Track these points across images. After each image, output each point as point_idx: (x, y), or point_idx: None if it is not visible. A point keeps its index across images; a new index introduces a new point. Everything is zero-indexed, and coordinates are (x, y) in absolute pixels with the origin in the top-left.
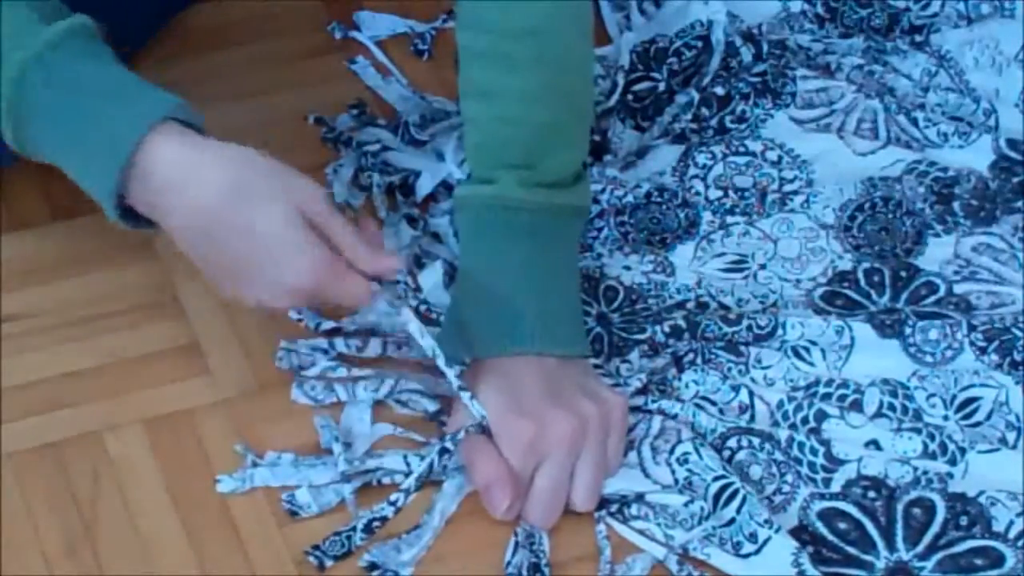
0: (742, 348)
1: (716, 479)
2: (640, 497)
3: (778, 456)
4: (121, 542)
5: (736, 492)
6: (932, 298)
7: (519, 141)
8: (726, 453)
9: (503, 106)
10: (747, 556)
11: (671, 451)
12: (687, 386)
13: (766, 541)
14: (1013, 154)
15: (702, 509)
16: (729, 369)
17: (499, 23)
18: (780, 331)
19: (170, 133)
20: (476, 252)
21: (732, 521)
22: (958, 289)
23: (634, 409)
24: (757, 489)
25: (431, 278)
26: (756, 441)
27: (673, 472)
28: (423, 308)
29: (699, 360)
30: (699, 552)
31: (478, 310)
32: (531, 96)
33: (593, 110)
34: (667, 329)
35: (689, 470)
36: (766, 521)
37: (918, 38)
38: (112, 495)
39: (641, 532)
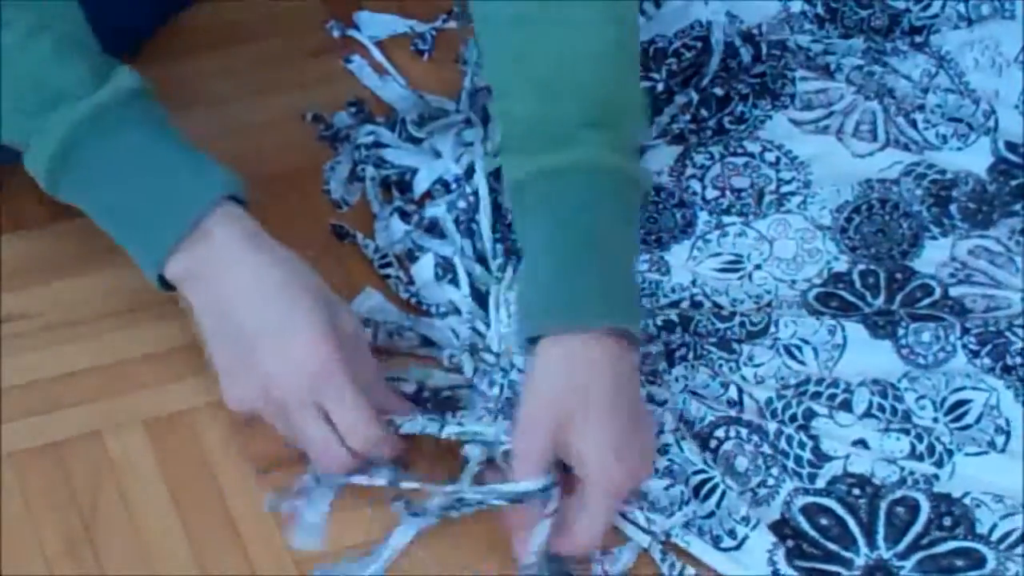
0: (734, 345)
1: (696, 473)
2: None
3: (765, 448)
4: (121, 542)
5: (715, 487)
6: (927, 301)
7: (587, 96)
8: (713, 443)
9: (562, 64)
10: (727, 550)
11: None
12: (676, 380)
13: (744, 539)
14: (1012, 157)
15: (682, 494)
16: (720, 366)
17: None
18: (773, 329)
19: (231, 214)
20: (538, 227)
21: (712, 514)
22: (954, 292)
23: None
24: (742, 481)
25: (424, 272)
26: (744, 432)
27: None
28: (414, 301)
29: (690, 356)
30: (680, 539)
31: (544, 285)
32: (594, 53)
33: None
34: (660, 323)
35: (670, 459)
36: (743, 518)
37: (918, 39)
38: (112, 495)
39: (623, 516)
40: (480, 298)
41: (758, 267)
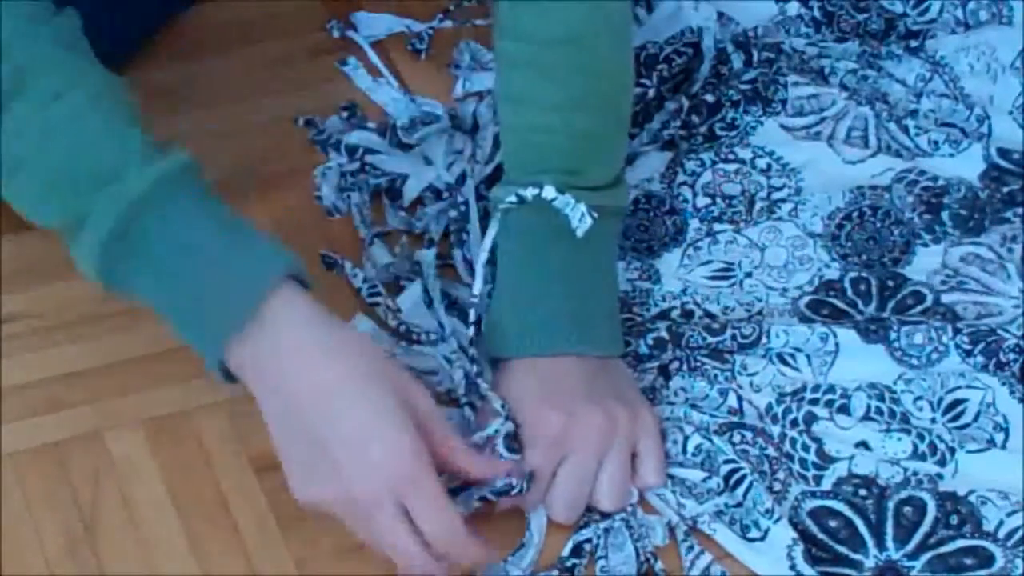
0: (727, 356)
1: (726, 462)
2: None
3: (771, 452)
4: (121, 542)
5: (744, 478)
6: (919, 308)
7: (559, 149)
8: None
9: (543, 115)
10: (752, 541)
11: (684, 449)
12: (676, 393)
13: (766, 531)
14: (1004, 163)
15: (718, 485)
16: (716, 376)
17: (537, 32)
18: (764, 339)
19: (293, 294)
20: (514, 252)
21: (740, 504)
22: (945, 299)
23: None
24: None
25: (410, 299)
26: (749, 436)
27: (693, 457)
28: (402, 328)
29: (684, 367)
30: (707, 526)
31: (516, 310)
32: (570, 105)
33: (631, 113)
34: (650, 341)
35: (707, 451)
36: (767, 511)
37: (913, 43)
38: (112, 495)
39: (657, 496)
40: (468, 319)
41: (749, 275)
